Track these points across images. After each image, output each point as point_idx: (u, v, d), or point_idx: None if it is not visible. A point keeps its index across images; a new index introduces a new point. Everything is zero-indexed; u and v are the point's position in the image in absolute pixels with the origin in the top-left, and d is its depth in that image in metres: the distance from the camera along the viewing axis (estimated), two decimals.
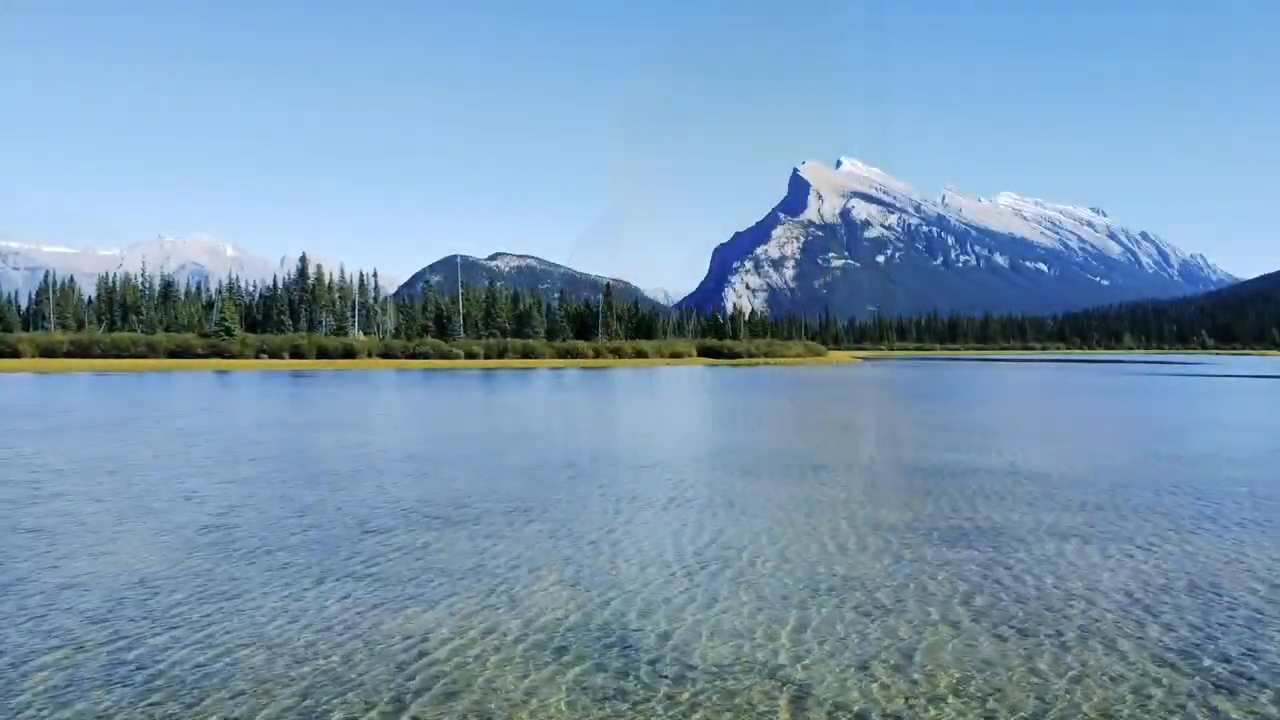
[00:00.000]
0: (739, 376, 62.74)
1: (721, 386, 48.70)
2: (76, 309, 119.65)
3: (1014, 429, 23.31)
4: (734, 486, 13.17)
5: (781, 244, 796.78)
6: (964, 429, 22.92)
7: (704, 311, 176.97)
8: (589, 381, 53.20)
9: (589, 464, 15.61)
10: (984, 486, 13.24)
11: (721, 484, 13.42)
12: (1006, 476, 14.29)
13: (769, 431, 22.89)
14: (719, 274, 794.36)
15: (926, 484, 13.51)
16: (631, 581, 7.91)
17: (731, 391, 43.80)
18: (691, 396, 39.89)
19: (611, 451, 17.54)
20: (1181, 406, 33.01)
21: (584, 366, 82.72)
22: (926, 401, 36.09)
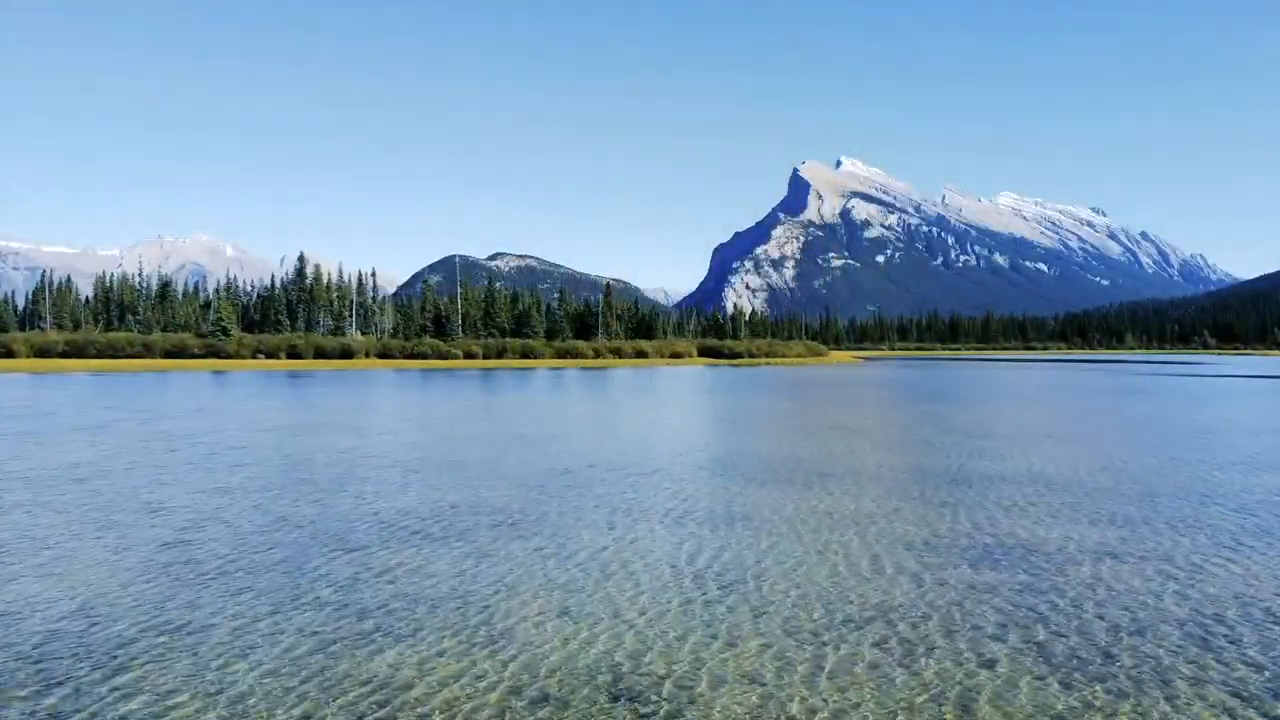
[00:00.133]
0: (740, 377, 61.93)
1: (722, 387, 47.90)
2: (73, 309, 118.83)
3: (1026, 432, 22.50)
4: (738, 497, 12.38)
5: (781, 244, 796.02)
6: (975, 432, 22.13)
7: (704, 311, 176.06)
8: (588, 382, 52.40)
9: (585, 470, 14.83)
10: (1005, 496, 12.46)
11: (724, 494, 12.63)
12: (1027, 484, 13.51)
13: (772, 435, 22.10)
14: (719, 274, 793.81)
15: (943, 494, 12.72)
16: (627, 612, 7.12)
17: (733, 392, 43.00)
18: (692, 398, 39.10)
19: (609, 457, 16.75)
20: (1194, 407, 32.19)
21: (583, 367, 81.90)
22: (933, 403, 35.28)
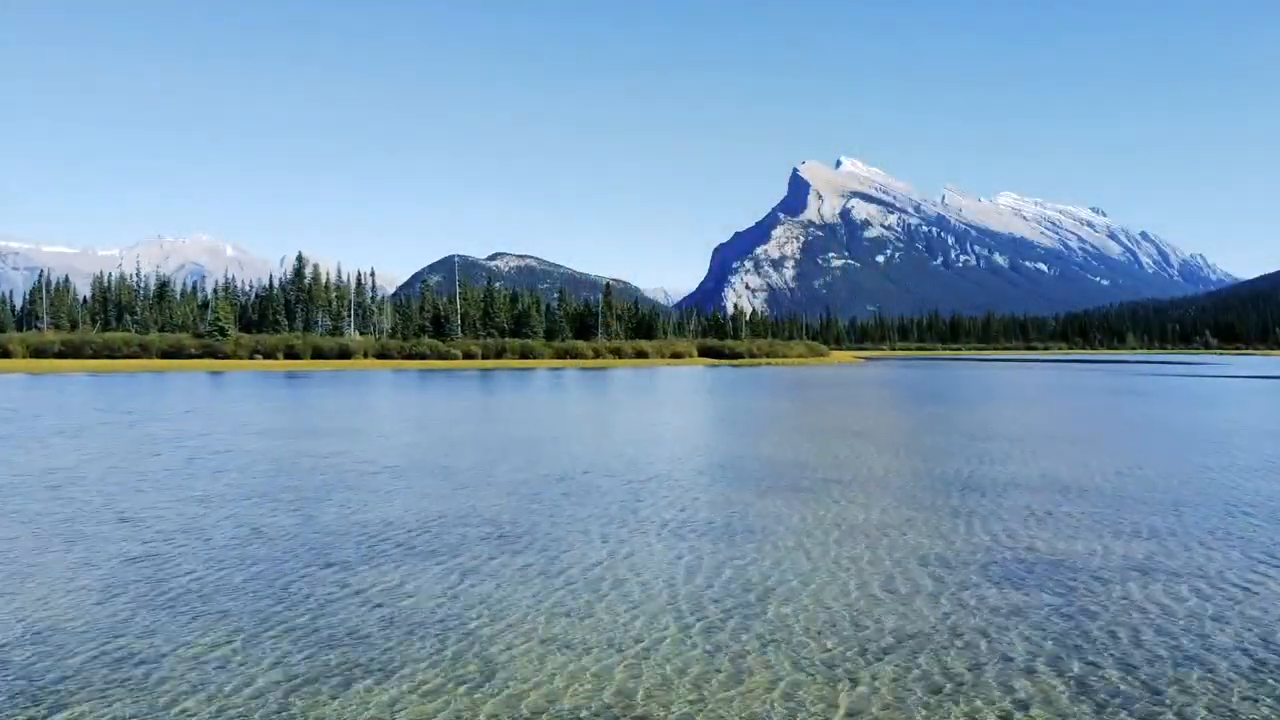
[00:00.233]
0: (741, 377, 61.24)
1: (724, 388, 47.21)
2: (71, 309, 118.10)
3: (1035, 434, 21.80)
4: (745, 506, 11.69)
5: (781, 244, 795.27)
6: (982, 434, 21.43)
7: (704, 311, 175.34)
8: (587, 383, 51.70)
9: (581, 477, 14.13)
10: (1022, 505, 11.77)
11: (731, 503, 11.94)
12: (1043, 492, 12.81)
13: (775, 438, 21.41)
14: (719, 274, 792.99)
15: (956, 502, 12.03)
16: (621, 639, 6.42)
17: (734, 393, 42.31)
18: (692, 399, 38.41)
19: (606, 462, 16.06)
20: (1202, 408, 31.50)
21: (583, 367, 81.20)
22: (937, 403, 34.59)
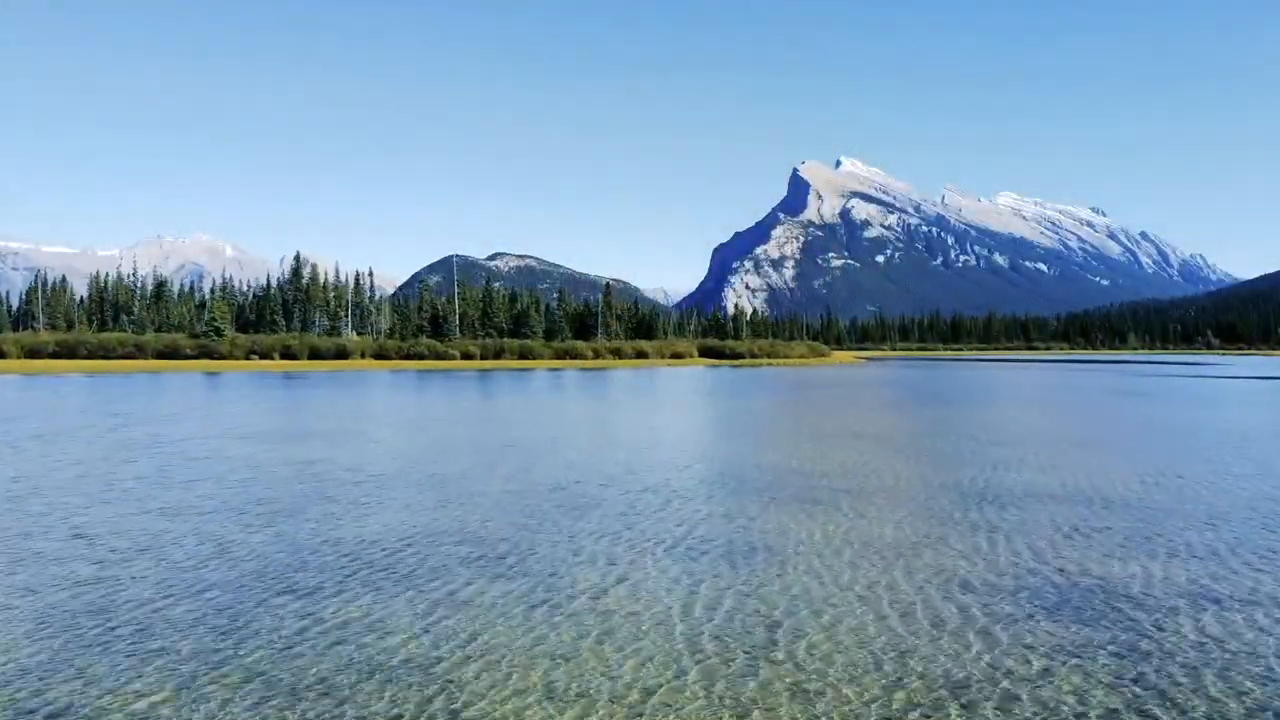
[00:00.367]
0: (742, 378, 60.41)
1: (725, 389, 46.39)
2: (67, 309, 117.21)
3: (1049, 437, 20.98)
4: (752, 520, 10.89)
5: (781, 244, 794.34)
6: (995, 438, 20.62)
7: (704, 311, 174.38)
8: (587, 383, 50.87)
9: (579, 487, 13.33)
10: (1057, 518, 10.97)
11: (736, 516, 11.13)
12: (1078, 503, 12.01)
13: (782, 442, 20.60)
14: (719, 274, 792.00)
15: (986, 515, 11.23)
16: (626, 685, 5.62)
17: (736, 395, 41.50)
18: (694, 400, 37.59)
19: (606, 469, 15.26)
20: (1213, 409, 30.66)
21: (583, 367, 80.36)
22: (943, 405, 33.77)
